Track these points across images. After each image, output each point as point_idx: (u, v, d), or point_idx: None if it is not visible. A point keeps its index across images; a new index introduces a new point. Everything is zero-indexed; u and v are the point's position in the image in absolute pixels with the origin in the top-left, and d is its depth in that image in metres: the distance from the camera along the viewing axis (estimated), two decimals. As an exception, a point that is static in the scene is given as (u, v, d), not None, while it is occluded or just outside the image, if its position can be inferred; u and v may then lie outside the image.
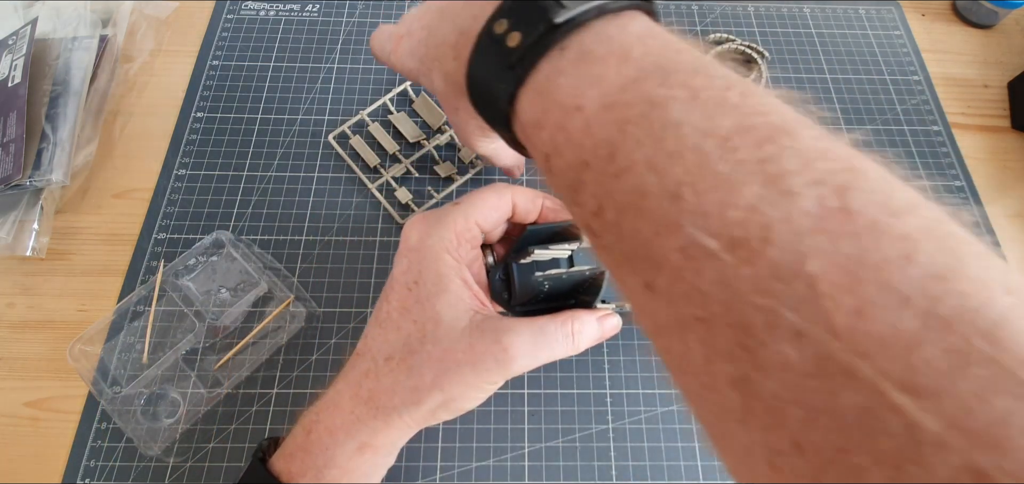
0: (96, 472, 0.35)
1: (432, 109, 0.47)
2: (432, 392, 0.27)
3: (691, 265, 0.16)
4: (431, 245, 0.28)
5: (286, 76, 0.50)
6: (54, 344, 0.39)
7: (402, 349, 0.28)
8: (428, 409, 0.27)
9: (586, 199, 0.19)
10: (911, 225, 0.14)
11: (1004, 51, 0.55)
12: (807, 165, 0.15)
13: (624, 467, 0.36)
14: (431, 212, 0.30)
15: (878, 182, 0.15)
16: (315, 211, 0.44)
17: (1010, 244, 0.45)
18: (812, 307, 0.14)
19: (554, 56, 0.20)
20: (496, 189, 0.31)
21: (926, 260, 0.14)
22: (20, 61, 0.46)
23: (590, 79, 0.19)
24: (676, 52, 0.19)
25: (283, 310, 0.39)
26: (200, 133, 0.47)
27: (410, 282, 0.28)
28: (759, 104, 0.17)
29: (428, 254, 0.28)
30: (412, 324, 0.28)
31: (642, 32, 0.20)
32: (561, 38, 0.20)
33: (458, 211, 0.29)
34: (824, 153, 0.16)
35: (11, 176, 0.42)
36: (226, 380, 0.37)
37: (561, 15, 0.19)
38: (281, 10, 0.53)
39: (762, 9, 0.55)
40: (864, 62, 0.53)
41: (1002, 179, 0.48)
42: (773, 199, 0.15)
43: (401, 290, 0.29)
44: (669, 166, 0.16)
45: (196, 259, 0.41)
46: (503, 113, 0.22)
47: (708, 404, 0.17)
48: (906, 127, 0.50)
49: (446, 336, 0.27)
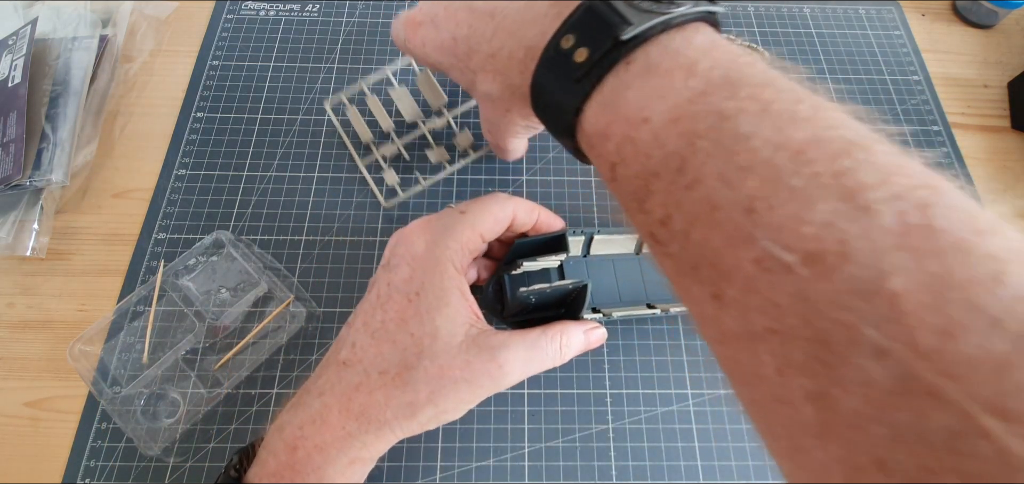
0: (96, 472, 0.35)
1: (434, 88, 0.45)
2: (426, 407, 0.27)
3: (765, 277, 0.16)
4: (438, 256, 0.28)
5: (286, 76, 0.50)
6: (54, 344, 0.39)
7: (398, 364, 0.27)
8: (420, 422, 0.27)
9: (653, 208, 0.19)
10: (997, 245, 0.14)
11: (1004, 51, 0.55)
12: (884, 180, 0.15)
13: (624, 467, 0.36)
14: (435, 218, 0.30)
15: (959, 200, 0.15)
16: (315, 211, 0.44)
17: (1010, 244, 0.45)
18: (895, 325, 0.14)
19: (620, 70, 0.20)
20: (499, 200, 0.30)
21: (1016, 282, 0.13)
22: (20, 61, 0.46)
23: (657, 92, 0.19)
24: (743, 65, 0.19)
25: (283, 310, 0.39)
26: (200, 133, 0.47)
27: (412, 292, 0.28)
28: (831, 118, 0.17)
29: (434, 266, 0.28)
30: (409, 337, 0.27)
31: (707, 45, 0.20)
32: (627, 53, 0.20)
33: (466, 222, 0.29)
34: (900, 168, 0.16)
35: (11, 176, 0.42)
36: (226, 380, 0.37)
37: (627, 32, 0.20)
38: (281, 10, 0.53)
39: (762, 9, 0.55)
40: (864, 62, 0.53)
41: (1002, 179, 0.48)
42: (851, 214, 0.15)
43: (401, 300, 0.28)
44: (741, 179, 0.16)
45: (196, 259, 0.41)
46: (569, 124, 0.22)
47: (779, 417, 0.16)
48: (906, 127, 0.50)
49: (443, 352, 0.27)
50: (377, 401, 0.27)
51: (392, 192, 0.44)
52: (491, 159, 0.46)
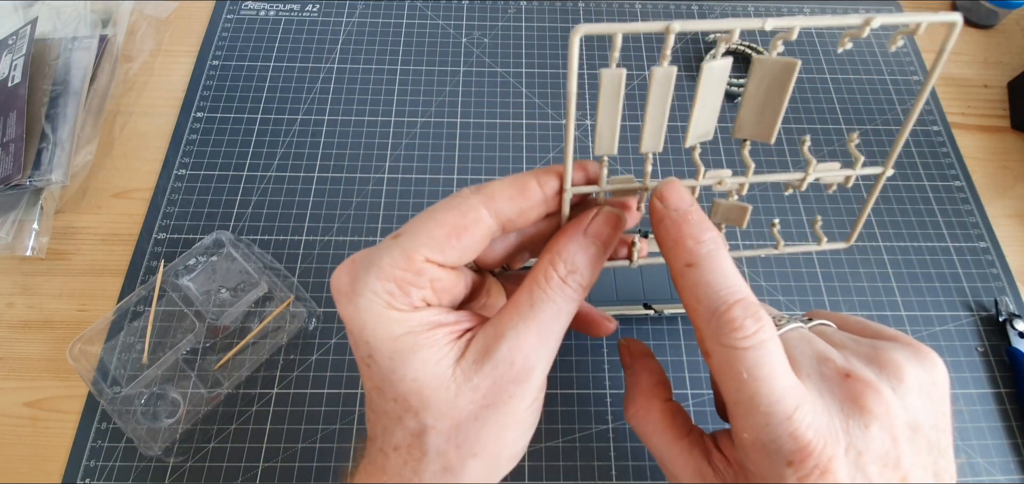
0: (96, 472, 0.35)
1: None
2: (469, 462, 0.22)
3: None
4: (364, 306, 0.21)
5: (286, 76, 0.50)
6: (54, 344, 0.39)
7: (404, 433, 0.22)
8: (480, 475, 0.23)
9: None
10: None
11: (1004, 51, 0.55)
12: None
13: (624, 467, 0.36)
14: (360, 255, 0.22)
15: None
16: (315, 211, 0.44)
17: (1010, 244, 0.45)
18: None
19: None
20: (449, 206, 0.22)
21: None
22: (20, 61, 0.46)
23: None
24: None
25: (283, 310, 0.39)
26: (200, 133, 0.47)
27: (365, 358, 0.22)
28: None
29: (366, 321, 0.21)
30: (393, 403, 0.22)
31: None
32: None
33: (395, 248, 0.21)
34: None
35: (11, 176, 0.42)
36: (226, 380, 0.37)
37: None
38: (281, 10, 0.53)
39: (762, 9, 0.55)
40: (864, 62, 0.53)
41: (1002, 179, 0.48)
42: None
43: (363, 368, 0.23)
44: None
45: (196, 259, 0.41)
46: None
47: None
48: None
49: (441, 400, 0.22)
50: (408, 479, 0.23)
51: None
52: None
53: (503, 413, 0.22)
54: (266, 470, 0.35)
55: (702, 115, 0.21)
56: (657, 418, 0.26)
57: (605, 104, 0.21)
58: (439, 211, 0.22)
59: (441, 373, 0.21)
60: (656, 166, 0.47)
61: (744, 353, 0.20)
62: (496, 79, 0.51)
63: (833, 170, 0.24)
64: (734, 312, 0.20)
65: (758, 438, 0.20)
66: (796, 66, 0.20)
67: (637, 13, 0.55)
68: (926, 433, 0.22)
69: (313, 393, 0.38)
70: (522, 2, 0.55)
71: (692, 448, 0.24)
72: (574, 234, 0.23)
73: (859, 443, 0.20)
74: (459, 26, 0.53)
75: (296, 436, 0.36)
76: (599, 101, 0.20)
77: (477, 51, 0.52)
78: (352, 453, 0.36)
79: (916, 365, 0.22)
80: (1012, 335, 0.40)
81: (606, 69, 0.20)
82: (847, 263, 0.43)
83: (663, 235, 0.22)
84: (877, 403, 0.21)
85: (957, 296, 0.42)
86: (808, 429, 0.20)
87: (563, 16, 0.55)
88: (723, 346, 0.20)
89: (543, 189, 0.23)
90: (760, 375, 0.20)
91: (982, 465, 0.37)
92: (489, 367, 0.22)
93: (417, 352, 0.21)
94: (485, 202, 0.22)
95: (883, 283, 0.43)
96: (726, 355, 0.20)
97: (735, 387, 0.20)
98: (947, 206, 0.46)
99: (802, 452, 0.20)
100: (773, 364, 0.20)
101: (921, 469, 0.21)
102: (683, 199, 0.22)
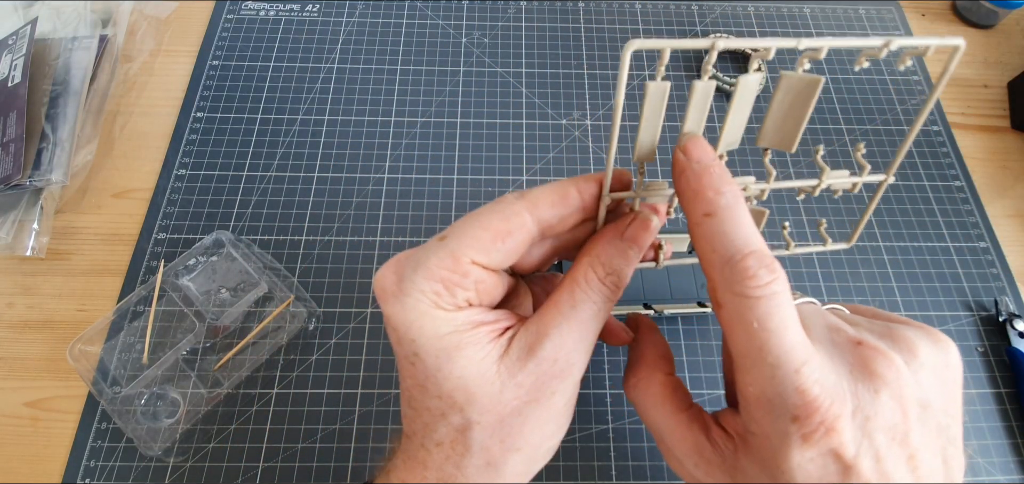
0: (96, 472, 0.35)
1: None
2: (510, 455, 0.23)
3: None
4: (411, 306, 0.22)
5: (286, 76, 0.50)
6: (54, 344, 0.39)
7: (447, 429, 0.23)
8: (518, 472, 0.24)
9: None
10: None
11: (1004, 51, 0.55)
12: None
13: (624, 467, 0.36)
14: (406, 255, 0.23)
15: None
16: (315, 211, 0.44)
17: (1010, 244, 0.45)
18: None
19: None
20: (494, 211, 0.23)
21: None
22: (20, 61, 0.46)
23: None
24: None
25: (283, 310, 0.39)
26: (200, 133, 0.47)
27: (410, 356, 0.23)
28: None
29: (412, 320, 0.22)
30: (438, 400, 0.23)
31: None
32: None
33: (442, 250, 0.22)
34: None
35: (11, 176, 0.42)
36: (226, 380, 0.37)
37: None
38: (281, 10, 0.53)
39: (762, 9, 0.55)
40: (867, 71, 0.52)
41: (1002, 179, 0.48)
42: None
43: (405, 366, 0.23)
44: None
45: (196, 259, 0.41)
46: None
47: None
48: (906, 127, 0.50)
49: (486, 396, 0.22)
50: (450, 473, 0.23)
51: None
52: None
53: (545, 408, 0.23)
54: (266, 470, 0.35)
55: (734, 124, 0.22)
56: (657, 390, 0.26)
57: (649, 114, 0.21)
58: (485, 215, 0.23)
59: (486, 370, 0.22)
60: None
61: (756, 302, 0.20)
62: (496, 79, 0.51)
63: (842, 177, 0.25)
64: (748, 261, 0.20)
65: (763, 392, 0.20)
66: (820, 83, 0.21)
67: (637, 14, 0.55)
68: (937, 415, 0.21)
69: (313, 393, 0.38)
70: (522, 2, 0.55)
71: (691, 423, 0.24)
72: (612, 238, 0.24)
73: (867, 408, 0.20)
74: (459, 26, 0.53)
75: (296, 436, 0.36)
76: (643, 112, 0.21)
77: (477, 51, 0.52)
78: (352, 453, 0.36)
79: (930, 345, 0.22)
80: (1012, 335, 0.40)
81: (652, 82, 0.20)
82: (848, 263, 0.43)
83: (684, 186, 0.22)
84: (888, 370, 0.20)
85: (957, 296, 0.42)
86: (815, 385, 0.20)
87: (563, 16, 0.55)
88: (735, 295, 0.20)
89: (582, 196, 0.23)
90: (770, 326, 0.20)
91: (982, 465, 0.37)
92: (533, 364, 0.22)
93: (462, 349, 0.22)
94: (529, 208, 0.23)
95: (883, 283, 0.43)
96: (737, 304, 0.20)
97: (744, 338, 0.20)
98: (947, 206, 0.46)
99: (808, 407, 0.19)
100: (784, 317, 0.20)
101: (930, 451, 0.21)
102: (706, 153, 0.22)
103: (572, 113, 0.49)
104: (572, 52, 0.52)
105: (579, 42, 0.53)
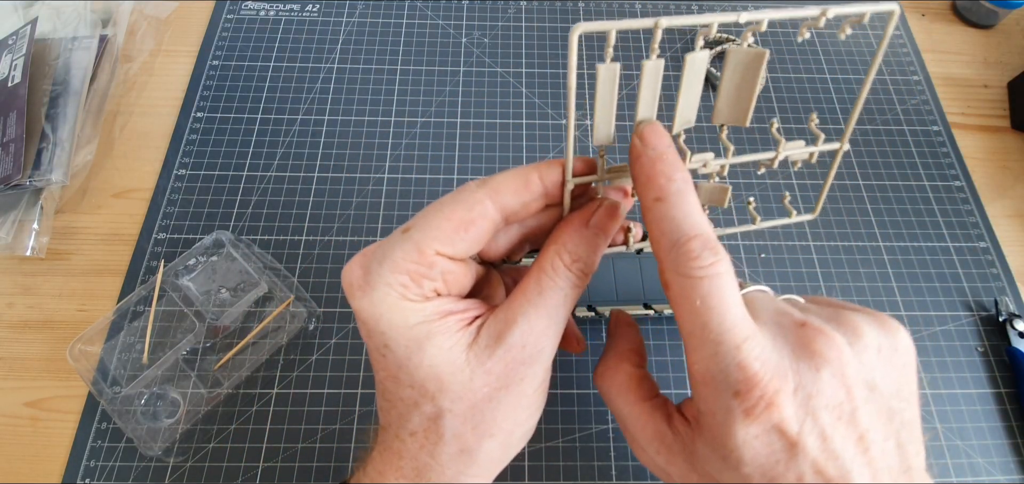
0: (96, 472, 0.35)
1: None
2: (483, 441, 0.23)
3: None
4: (379, 299, 0.22)
5: (286, 76, 0.50)
6: (54, 344, 0.39)
7: (420, 418, 0.23)
8: (493, 458, 0.24)
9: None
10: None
11: (1004, 51, 0.55)
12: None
13: (624, 467, 0.36)
14: (370, 249, 0.23)
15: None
16: (315, 211, 0.44)
17: (1010, 244, 0.45)
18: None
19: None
20: (456, 199, 0.23)
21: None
22: (20, 61, 0.46)
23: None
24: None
25: (283, 310, 0.39)
26: (200, 133, 0.47)
27: (380, 348, 0.23)
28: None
29: (381, 313, 0.22)
30: (410, 390, 0.23)
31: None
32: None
33: (407, 242, 0.22)
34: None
35: (11, 176, 0.42)
36: (226, 380, 0.37)
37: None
38: (281, 10, 0.53)
39: (762, 9, 0.55)
40: (864, 62, 0.53)
41: (1002, 179, 0.48)
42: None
43: (377, 358, 0.23)
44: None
45: (196, 259, 0.41)
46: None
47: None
48: (906, 127, 0.50)
49: (457, 384, 0.22)
50: (424, 464, 0.23)
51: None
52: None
53: (516, 394, 0.23)
54: (266, 470, 0.35)
55: (686, 102, 0.23)
56: (623, 381, 0.26)
57: (602, 97, 0.22)
58: (447, 205, 0.23)
59: (455, 358, 0.22)
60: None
61: (698, 282, 0.20)
62: (496, 79, 0.51)
63: (799, 148, 0.26)
64: (693, 244, 0.21)
65: (707, 369, 0.21)
66: (765, 55, 0.22)
67: (637, 12, 0.55)
68: (886, 398, 0.21)
69: (313, 393, 0.38)
70: (522, 2, 0.55)
71: (654, 411, 0.25)
72: (578, 225, 0.24)
73: (809, 385, 0.20)
74: (459, 26, 0.53)
75: (296, 436, 0.36)
76: (596, 94, 0.22)
77: (477, 51, 0.52)
78: (352, 453, 0.36)
79: (876, 328, 0.22)
80: (1012, 335, 0.40)
81: (602, 64, 0.21)
82: (847, 263, 0.43)
83: (638, 171, 0.23)
84: (829, 348, 0.21)
85: (957, 296, 0.42)
86: (755, 361, 0.20)
87: (563, 16, 0.55)
88: (680, 275, 0.21)
89: (544, 182, 0.24)
90: (711, 304, 0.20)
91: (982, 465, 0.37)
92: (502, 351, 0.23)
93: (432, 339, 0.22)
94: (490, 195, 0.23)
95: (883, 283, 0.43)
96: (682, 285, 0.21)
97: (689, 316, 0.21)
98: (947, 206, 0.46)
99: (748, 382, 0.20)
100: (725, 296, 0.21)
101: (880, 433, 0.21)
102: (661, 140, 0.23)
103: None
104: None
105: (579, 42, 0.53)
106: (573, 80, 0.21)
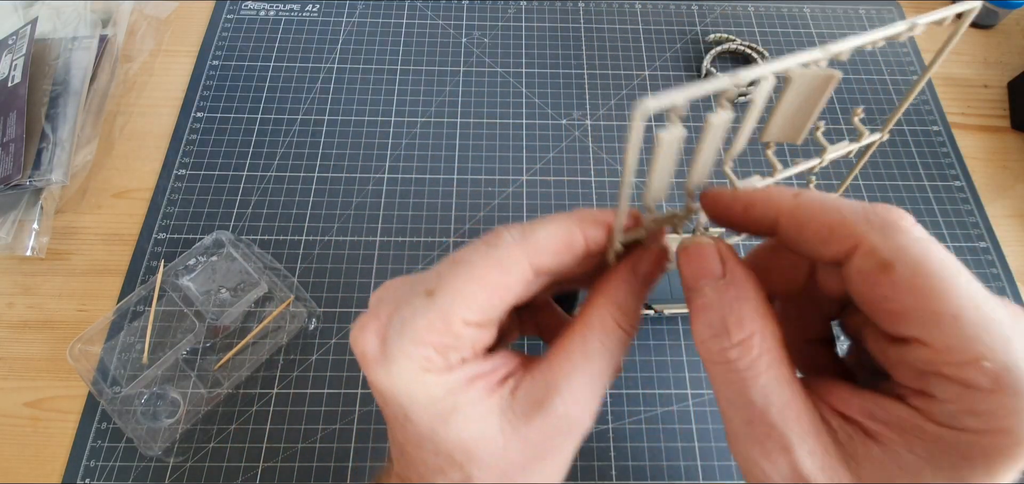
0: (96, 472, 0.35)
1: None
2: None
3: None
4: (397, 372, 0.20)
5: (286, 76, 0.50)
6: (54, 344, 0.39)
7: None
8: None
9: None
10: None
11: (1004, 51, 0.55)
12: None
13: (624, 467, 0.36)
14: (386, 312, 0.21)
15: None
16: (315, 211, 0.44)
17: (1010, 244, 0.45)
18: None
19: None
20: (496, 258, 0.20)
21: None
22: (20, 61, 0.46)
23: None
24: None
25: (283, 310, 0.39)
26: (200, 133, 0.47)
27: (400, 418, 0.20)
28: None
29: (400, 388, 0.20)
30: (435, 456, 0.20)
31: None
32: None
33: (432, 311, 0.19)
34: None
35: (11, 176, 0.42)
36: (226, 380, 0.37)
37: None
38: (281, 10, 0.53)
39: (762, 9, 0.55)
40: (864, 62, 0.53)
41: (1002, 179, 0.48)
42: None
43: (395, 425, 0.21)
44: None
45: (196, 259, 0.41)
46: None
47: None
48: (906, 127, 0.50)
49: (488, 454, 0.20)
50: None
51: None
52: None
53: (552, 463, 0.21)
54: (266, 470, 0.35)
55: (704, 163, 0.21)
56: (775, 348, 0.21)
57: (662, 160, 0.20)
58: (479, 265, 0.20)
59: (487, 428, 0.20)
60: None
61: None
62: (496, 79, 0.51)
63: (842, 147, 0.26)
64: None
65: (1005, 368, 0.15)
66: (836, 78, 0.20)
67: (637, 14, 0.55)
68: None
69: (313, 393, 0.38)
70: (522, 2, 0.55)
71: (808, 394, 0.20)
72: (627, 277, 0.22)
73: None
74: (459, 26, 0.53)
75: (296, 436, 0.36)
76: (655, 158, 0.19)
77: (477, 51, 0.52)
78: (352, 453, 0.36)
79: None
80: (1012, 335, 0.40)
81: (665, 133, 0.18)
82: (847, 263, 0.43)
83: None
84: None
85: (957, 296, 0.42)
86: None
87: (563, 16, 0.55)
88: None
89: (589, 245, 0.21)
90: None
91: (982, 465, 0.37)
92: (540, 420, 0.20)
93: (459, 411, 0.20)
94: (529, 255, 0.20)
95: (883, 283, 0.43)
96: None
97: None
98: (947, 206, 0.46)
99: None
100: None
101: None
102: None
103: (572, 113, 0.49)
104: (572, 52, 0.52)
105: (579, 42, 0.53)
106: (633, 159, 0.18)
